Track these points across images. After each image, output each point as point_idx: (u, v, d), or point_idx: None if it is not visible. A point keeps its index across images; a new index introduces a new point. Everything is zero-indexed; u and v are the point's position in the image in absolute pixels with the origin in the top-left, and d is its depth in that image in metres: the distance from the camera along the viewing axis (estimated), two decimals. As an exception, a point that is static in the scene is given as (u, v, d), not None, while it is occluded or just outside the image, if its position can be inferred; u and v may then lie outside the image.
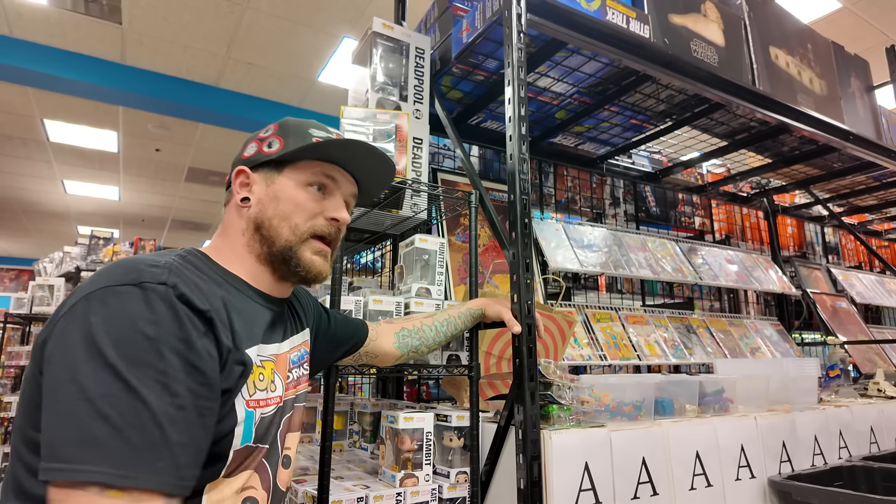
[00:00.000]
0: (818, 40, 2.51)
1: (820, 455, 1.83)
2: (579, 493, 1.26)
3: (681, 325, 2.70)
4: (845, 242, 4.36)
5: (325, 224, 0.90)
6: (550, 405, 1.36)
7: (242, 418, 0.75)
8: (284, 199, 0.88)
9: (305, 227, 0.88)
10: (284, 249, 0.86)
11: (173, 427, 0.63)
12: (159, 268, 0.71)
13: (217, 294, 0.76)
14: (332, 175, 0.92)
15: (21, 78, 4.66)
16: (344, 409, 1.86)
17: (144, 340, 0.64)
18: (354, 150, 0.92)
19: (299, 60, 4.93)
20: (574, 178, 2.84)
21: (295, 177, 0.89)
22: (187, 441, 0.64)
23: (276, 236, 0.86)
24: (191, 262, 0.79)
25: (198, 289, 0.73)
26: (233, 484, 0.76)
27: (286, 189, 0.88)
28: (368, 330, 1.23)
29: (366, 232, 1.99)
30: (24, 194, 8.17)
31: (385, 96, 1.77)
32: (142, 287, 0.67)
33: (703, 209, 3.42)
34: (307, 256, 0.88)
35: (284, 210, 0.87)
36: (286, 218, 0.87)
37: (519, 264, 1.34)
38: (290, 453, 0.90)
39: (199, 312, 0.70)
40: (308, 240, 0.88)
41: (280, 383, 0.85)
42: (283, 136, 0.90)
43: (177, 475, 0.62)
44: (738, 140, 2.69)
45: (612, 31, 1.68)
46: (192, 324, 0.68)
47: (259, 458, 0.80)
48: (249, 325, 0.80)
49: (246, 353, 0.77)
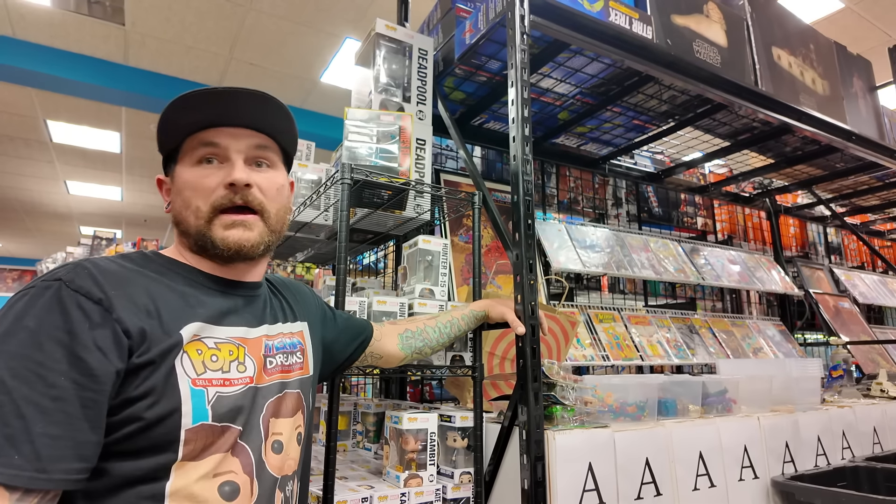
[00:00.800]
0: (820, 40, 2.51)
1: (823, 455, 1.83)
2: (583, 494, 1.26)
3: (683, 325, 2.70)
4: (848, 242, 4.36)
5: (224, 194, 0.84)
6: (554, 406, 1.36)
7: (188, 396, 0.74)
8: (182, 187, 0.85)
9: (207, 208, 0.84)
10: (197, 237, 0.84)
11: (42, 418, 0.63)
12: (66, 266, 0.73)
13: (139, 283, 0.77)
14: (210, 140, 0.85)
15: (24, 79, 4.67)
16: (347, 409, 1.87)
17: (24, 332, 0.65)
18: (195, 101, 0.82)
19: (301, 61, 4.93)
20: (576, 179, 2.84)
21: (184, 161, 0.86)
22: (59, 433, 0.64)
23: (187, 227, 0.85)
24: (130, 258, 0.82)
25: (103, 277, 0.74)
26: (199, 468, 0.75)
27: (181, 177, 0.86)
28: (373, 329, 1.24)
29: (369, 233, 1.99)
30: (27, 195, 8.20)
31: (388, 97, 1.78)
32: (36, 286, 0.70)
33: (705, 209, 3.42)
34: (219, 234, 0.84)
35: (185, 199, 0.85)
36: (188, 205, 0.84)
37: (522, 265, 1.34)
38: (282, 439, 0.88)
39: (94, 301, 0.71)
40: (215, 217, 0.84)
41: (251, 365, 0.84)
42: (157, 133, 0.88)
43: (36, 468, 0.62)
44: (741, 140, 2.69)
45: (615, 32, 1.68)
46: (84, 314, 0.69)
47: (233, 440, 0.79)
48: (186, 308, 0.80)
49: (178, 333, 0.76)
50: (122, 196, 8.29)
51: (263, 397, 0.86)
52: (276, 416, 0.88)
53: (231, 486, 0.78)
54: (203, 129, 0.85)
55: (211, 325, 0.82)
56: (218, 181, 0.84)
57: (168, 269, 0.84)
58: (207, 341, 0.80)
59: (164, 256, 0.87)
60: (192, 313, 0.80)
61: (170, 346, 0.75)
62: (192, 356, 0.77)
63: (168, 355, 0.74)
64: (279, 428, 0.88)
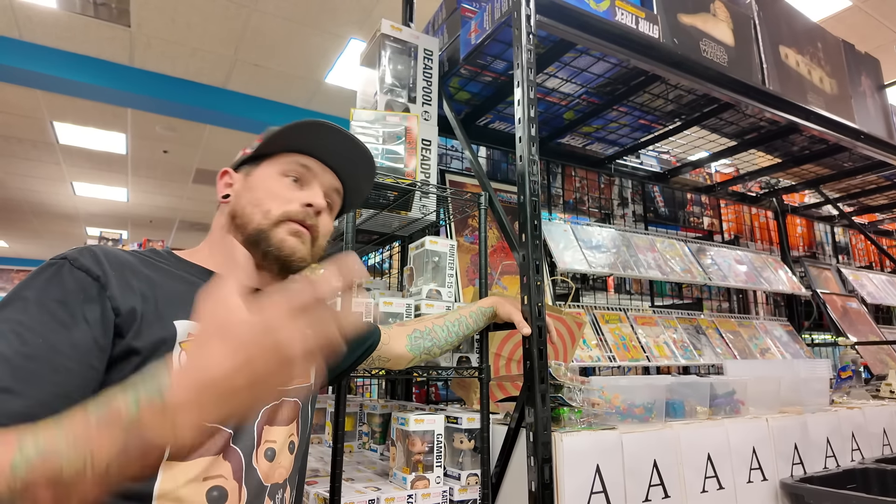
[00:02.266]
0: (828, 39, 2.49)
1: (832, 457, 1.81)
2: (591, 496, 1.26)
3: (690, 325, 2.68)
4: (855, 242, 4.33)
5: (299, 209, 0.90)
6: (561, 407, 1.35)
7: None
8: (257, 187, 0.91)
9: (277, 212, 0.89)
10: (256, 233, 0.88)
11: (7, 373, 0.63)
12: (77, 248, 0.76)
13: (142, 271, 0.80)
14: (307, 165, 0.94)
15: (31, 81, 4.70)
16: (353, 410, 1.87)
17: (20, 301, 0.69)
18: (318, 131, 0.91)
19: (306, 62, 4.94)
20: (582, 179, 2.83)
21: (270, 168, 0.93)
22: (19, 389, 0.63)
23: (248, 222, 0.89)
24: (140, 252, 0.84)
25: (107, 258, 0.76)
26: (188, 470, 0.74)
27: (260, 178, 0.92)
28: (381, 333, 1.23)
29: (374, 233, 1.99)
30: (34, 196, 8.24)
31: (394, 98, 1.77)
32: (45, 263, 0.74)
33: (711, 209, 3.40)
34: (279, 236, 0.89)
35: (257, 197, 0.90)
36: (258, 204, 0.89)
37: (529, 266, 1.34)
38: (275, 447, 0.88)
39: (93, 278, 0.73)
40: (281, 223, 0.89)
41: None
42: (263, 137, 0.94)
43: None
44: (748, 140, 2.68)
45: (621, 32, 1.67)
46: (80, 287, 0.72)
47: (223, 443, 0.79)
48: (187, 304, 0.80)
49: (172, 324, 0.78)
50: (128, 197, 8.32)
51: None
52: (271, 424, 0.88)
53: (219, 492, 0.78)
54: (303, 153, 0.93)
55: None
56: (295, 197, 0.91)
57: (177, 266, 0.86)
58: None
59: (177, 256, 0.89)
60: (191, 309, 0.80)
61: (163, 336, 0.76)
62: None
63: (162, 346, 0.76)
64: (273, 436, 0.88)
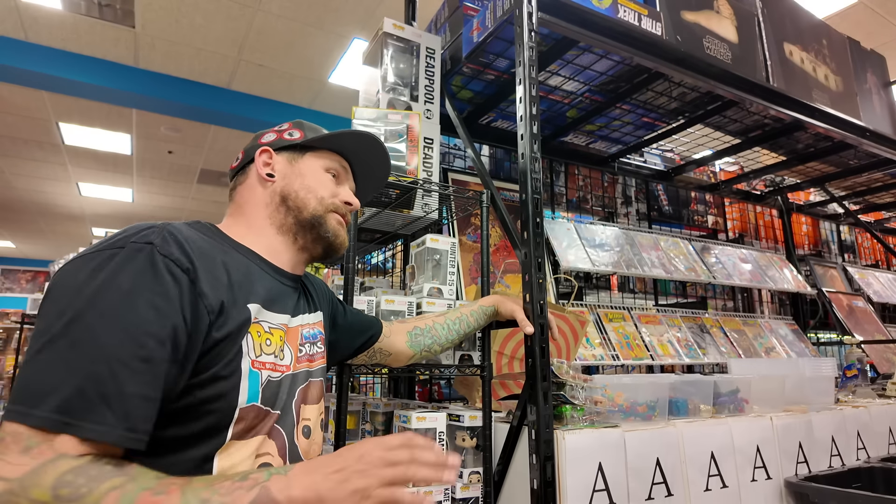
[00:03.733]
0: (833, 36, 2.47)
1: (837, 456, 1.80)
2: (593, 494, 1.25)
3: (694, 324, 2.67)
4: (861, 241, 4.30)
5: (340, 206, 1.01)
6: (563, 405, 1.35)
7: (247, 375, 0.77)
8: (310, 175, 0.99)
9: (329, 202, 0.99)
10: (312, 217, 0.96)
11: (134, 379, 0.64)
12: (151, 229, 0.75)
13: (216, 252, 0.81)
14: (344, 166, 1.05)
15: (37, 82, 4.72)
16: (356, 408, 1.86)
17: (117, 292, 0.67)
18: (363, 141, 1.04)
19: (310, 62, 4.94)
20: (585, 177, 2.82)
21: (316, 161, 1.01)
22: (149, 394, 0.66)
23: (303, 206, 0.96)
24: (197, 227, 0.85)
25: (189, 246, 0.76)
26: (244, 448, 0.78)
27: (310, 168, 0.99)
28: (382, 326, 1.24)
29: (377, 232, 1.99)
30: (40, 196, 8.29)
31: (396, 96, 1.77)
32: (126, 247, 0.71)
33: (716, 208, 3.38)
34: (333, 223, 0.99)
35: (310, 184, 0.98)
36: (312, 191, 0.97)
37: (531, 264, 1.33)
38: (310, 424, 0.93)
39: (183, 270, 0.73)
40: (330, 211, 0.99)
41: (289, 353, 0.89)
42: (301, 129, 1.02)
43: (126, 426, 0.63)
44: (752, 137, 2.66)
45: (624, 29, 1.67)
46: (175, 281, 0.71)
47: (271, 424, 0.83)
48: (249, 285, 0.83)
49: (247, 308, 0.80)
50: (133, 198, 8.36)
51: (296, 384, 0.90)
52: (305, 403, 0.93)
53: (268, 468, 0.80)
54: (342, 154, 1.05)
55: (265, 310, 0.85)
56: (336, 192, 1.02)
57: (230, 244, 0.89)
58: (263, 324, 0.84)
59: (224, 233, 0.91)
60: (254, 293, 0.83)
61: (242, 321, 0.79)
62: (254, 337, 0.81)
63: (241, 330, 0.78)
64: (308, 414, 0.93)
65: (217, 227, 0.91)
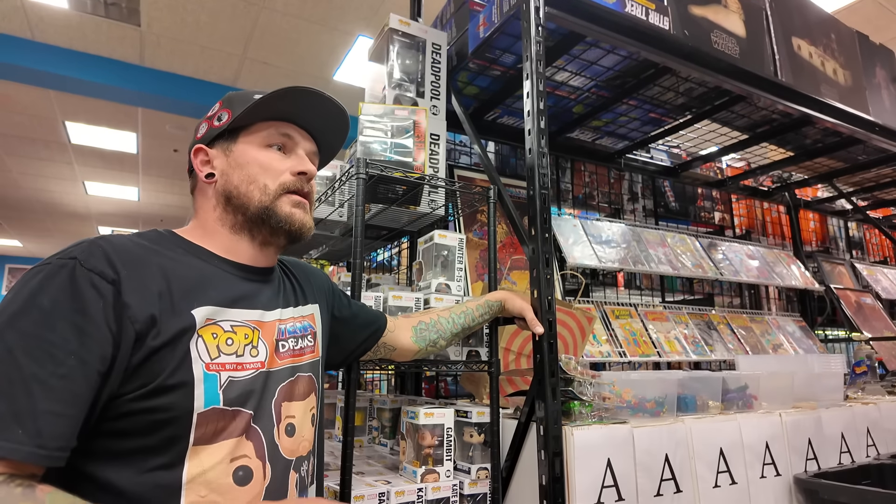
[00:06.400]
0: (842, 30, 2.45)
1: (847, 453, 1.79)
2: (602, 490, 1.25)
3: (701, 321, 2.66)
4: (870, 237, 4.27)
5: (293, 179, 0.91)
6: (571, 401, 1.35)
7: (201, 380, 0.75)
8: (246, 163, 0.89)
9: (275, 186, 0.90)
10: (260, 210, 0.88)
11: (48, 396, 0.64)
12: (80, 244, 0.74)
13: (153, 262, 0.78)
14: (287, 133, 0.93)
15: (43, 81, 4.74)
16: (363, 405, 1.87)
17: (37, 310, 0.67)
18: (297, 97, 0.91)
19: (315, 59, 4.94)
20: (592, 174, 2.81)
21: (251, 140, 0.91)
22: (62, 411, 0.65)
23: (248, 201, 0.88)
24: (145, 236, 0.83)
25: (117, 256, 0.74)
26: (215, 452, 0.76)
27: (246, 153, 0.90)
28: (387, 321, 1.23)
29: (383, 229, 1.99)
30: (47, 195, 8.33)
31: (402, 93, 1.77)
32: (52, 264, 0.71)
33: (722, 204, 3.37)
34: (286, 210, 0.90)
35: (250, 173, 0.89)
36: (253, 181, 0.89)
37: (539, 259, 1.33)
38: (295, 422, 0.89)
39: (108, 282, 0.71)
40: (281, 196, 0.90)
41: (264, 349, 0.85)
42: (230, 107, 0.91)
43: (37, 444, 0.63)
44: (760, 133, 2.65)
45: (631, 24, 1.66)
46: (98, 293, 0.70)
47: (245, 424, 0.80)
48: (199, 290, 0.80)
49: (191, 314, 0.77)
50: (139, 196, 8.39)
51: (275, 381, 0.87)
52: (289, 400, 0.89)
53: (244, 471, 0.79)
54: (282, 120, 0.93)
55: (226, 308, 0.83)
56: (287, 167, 0.91)
57: (184, 248, 0.86)
58: (224, 324, 0.81)
59: (181, 238, 0.88)
60: (205, 296, 0.81)
61: (183, 328, 0.76)
62: (208, 340, 0.78)
63: (182, 337, 0.75)
64: (292, 411, 0.89)
65: (175, 233, 0.88)
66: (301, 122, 0.95)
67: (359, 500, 1.19)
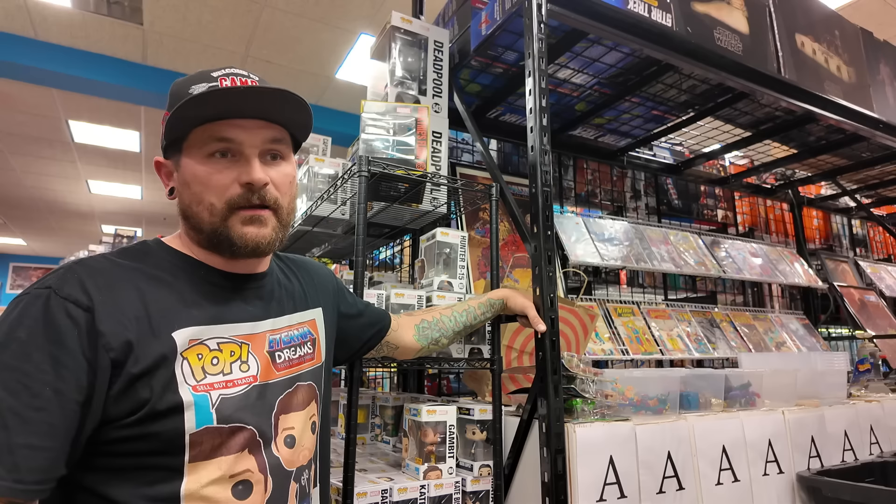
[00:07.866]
0: (846, 27, 2.44)
1: (850, 451, 1.79)
2: (604, 487, 1.25)
3: (704, 319, 2.66)
4: (873, 234, 4.26)
5: (240, 193, 0.80)
6: (574, 399, 1.35)
7: (191, 402, 0.74)
8: (191, 181, 0.80)
9: (221, 205, 0.80)
10: (211, 233, 0.81)
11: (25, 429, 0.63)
12: (56, 272, 0.73)
13: (131, 285, 0.76)
14: (224, 136, 0.80)
15: (46, 80, 4.75)
16: (366, 402, 1.87)
17: (15, 343, 0.66)
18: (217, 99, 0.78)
19: (317, 58, 4.94)
20: (594, 171, 2.81)
21: (193, 152, 0.81)
22: (40, 444, 0.64)
23: (199, 222, 0.81)
24: (128, 254, 0.81)
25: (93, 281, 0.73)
26: (213, 468, 0.75)
27: (189, 169, 0.80)
28: (391, 319, 1.23)
29: (385, 227, 1.99)
30: (50, 194, 8.36)
31: (404, 90, 1.77)
32: (30, 294, 0.70)
33: (725, 201, 3.36)
34: (237, 231, 0.81)
35: (196, 193, 0.80)
36: (200, 201, 0.80)
37: (541, 257, 1.33)
38: (294, 433, 0.86)
39: (84, 309, 0.70)
40: (232, 214, 0.80)
41: (255, 363, 0.83)
42: (170, 110, 0.80)
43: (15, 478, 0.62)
44: (763, 130, 2.64)
45: (634, 21, 1.65)
46: (73, 322, 0.69)
47: (244, 440, 0.78)
48: (182, 310, 0.78)
49: (171, 337, 0.75)
50: (142, 195, 8.41)
51: (273, 394, 0.85)
52: (287, 412, 0.87)
53: (244, 485, 0.78)
54: (213, 120, 0.80)
55: (211, 326, 0.80)
56: (233, 178, 0.80)
57: (170, 263, 0.83)
58: (210, 343, 0.79)
59: (167, 247, 0.85)
60: (188, 316, 0.78)
61: (163, 352, 0.74)
62: (193, 362, 0.76)
63: (163, 362, 0.74)
64: (290, 423, 0.87)
65: (162, 243, 0.85)
66: (241, 114, 0.81)
67: (361, 496, 1.19)
